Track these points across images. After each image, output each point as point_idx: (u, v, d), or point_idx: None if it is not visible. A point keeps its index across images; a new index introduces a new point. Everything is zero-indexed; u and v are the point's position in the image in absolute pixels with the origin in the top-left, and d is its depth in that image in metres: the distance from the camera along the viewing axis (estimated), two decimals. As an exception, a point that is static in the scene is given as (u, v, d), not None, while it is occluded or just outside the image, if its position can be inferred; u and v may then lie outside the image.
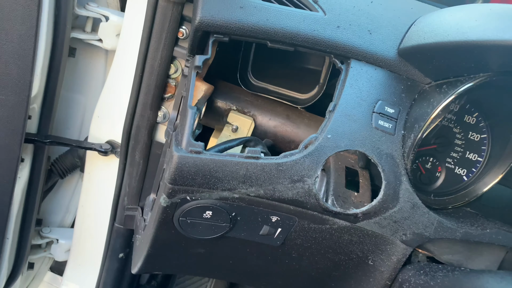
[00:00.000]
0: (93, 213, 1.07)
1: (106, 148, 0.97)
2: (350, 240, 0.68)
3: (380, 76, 0.68)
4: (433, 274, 0.63)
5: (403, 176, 0.64)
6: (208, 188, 0.61)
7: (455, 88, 0.61)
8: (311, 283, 0.81)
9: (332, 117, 0.63)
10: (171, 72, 0.83)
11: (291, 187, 0.62)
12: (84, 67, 1.03)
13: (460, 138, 0.76)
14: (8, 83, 0.79)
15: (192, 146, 0.58)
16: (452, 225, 0.65)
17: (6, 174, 0.87)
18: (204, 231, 0.66)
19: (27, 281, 1.22)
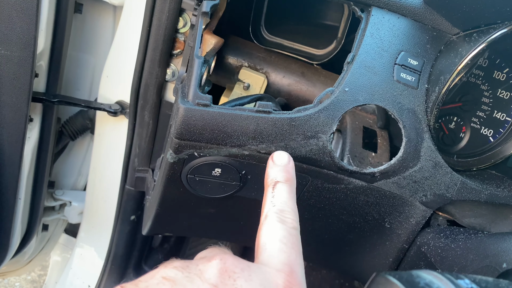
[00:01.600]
0: (104, 176, 1.06)
1: (115, 109, 0.95)
2: (366, 201, 0.65)
3: (404, 25, 0.62)
4: (454, 237, 0.59)
5: (425, 133, 0.60)
6: (216, 144, 0.57)
7: (487, 35, 0.55)
8: (324, 246, 0.79)
9: (350, 69, 0.59)
10: (179, 26, 0.78)
11: (305, 143, 0.58)
12: (91, 25, 0.99)
13: (488, 96, 0.71)
14: (12, 37, 0.76)
15: (199, 98, 0.55)
16: (476, 186, 0.61)
17: (15, 133, 0.86)
18: (213, 190, 0.64)
19: (42, 242, 1.23)
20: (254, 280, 0.37)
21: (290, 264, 0.40)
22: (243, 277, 0.37)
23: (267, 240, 0.42)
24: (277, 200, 0.47)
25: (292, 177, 0.50)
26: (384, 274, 0.30)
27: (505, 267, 0.48)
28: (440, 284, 0.30)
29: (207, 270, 0.37)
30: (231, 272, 0.37)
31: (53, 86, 0.91)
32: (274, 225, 0.44)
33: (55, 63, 0.89)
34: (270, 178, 0.50)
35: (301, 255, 0.43)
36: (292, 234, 0.44)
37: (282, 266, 0.40)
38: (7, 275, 1.27)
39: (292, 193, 0.49)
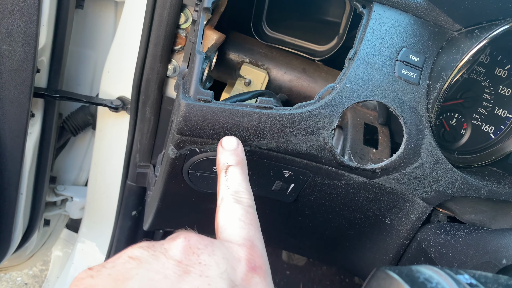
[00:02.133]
0: (106, 171, 1.06)
1: (117, 104, 0.95)
2: (367, 197, 0.65)
3: (405, 22, 0.62)
4: (454, 233, 0.60)
5: (426, 129, 0.60)
6: (217, 140, 0.58)
7: (489, 32, 0.55)
8: (324, 242, 0.79)
9: (352, 65, 0.59)
10: (181, 21, 0.78)
11: (306, 139, 0.58)
12: (93, 20, 0.99)
13: (489, 93, 0.71)
14: (14, 33, 0.76)
15: (200, 94, 0.55)
16: (477, 182, 0.61)
17: (17, 128, 0.86)
18: (214, 185, 0.63)
19: (44, 237, 1.24)
20: (217, 254, 0.38)
21: (251, 238, 0.42)
22: (206, 252, 0.38)
23: (226, 220, 0.44)
24: (230, 182, 0.48)
25: (243, 160, 0.52)
26: (384, 268, 0.30)
27: (504, 263, 0.48)
28: (439, 279, 0.30)
29: (172, 248, 0.38)
30: (195, 248, 0.38)
31: (55, 82, 0.92)
32: (231, 206, 0.45)
33: (56, 59, 0.89)
34: (221, 163, 0.51)
35: (259, 231, 0.45)
36: (249, 212, 0.45)
37: (243, 241, 0.42)
38: (9, 270, 1.28)
39: (244, 174, 0.50)
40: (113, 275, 0.35)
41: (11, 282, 1.64)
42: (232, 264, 0.38)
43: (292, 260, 1.53)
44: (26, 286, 1.64)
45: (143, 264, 0.36)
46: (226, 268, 0.37)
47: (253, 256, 0.40)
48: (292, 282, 1.52)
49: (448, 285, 0.30)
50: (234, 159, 0.51)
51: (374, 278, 0.31)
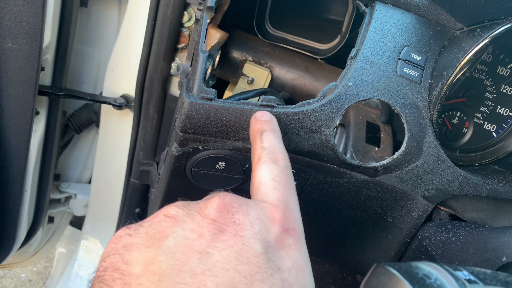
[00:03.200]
0: (109, 169, 1.07)
1: (120, 102, 0.95)
2: (369, 195, 0.65)
3: (407, 21, 0.62)
4: (455, 231, 0.60)
5: (428, 128, 0.60)
6: (220, 138, 0.58)
7: (491, 30, 0.55)
8: (326, 240, 0.79)
9: (354, 63, 0.59)
10: (184, 20, 0.79)
11: (308, 138, 0.59)
12: (97, 19, 1.00)
13: (492, 91, 0.71)
14: (19, 31, 0.77)
15: (203, 92, 0.56)
16: (478, 181, 0.61)
17: (22, 126, 0.87)
18: (217, 183, 0.64)
19: (48, 234, 1.25)
20: (252, 214, 0.39)
21: (285, 200, 0.42)
22: (241, 211, 0.38)
23: (261, 179, 0.44)
24: (266, 144, 0.48)
25: (277, 128, 0.52)
26: (384, 264, 0.31)
27: (504, 261, 0.48)
28: (438, 275, 0.31)
29: (207, 207, 0.39)
30: (229, 207, 0.39)
31: (59, 80, 0.92)
32: (267, 165, 0.45)
33: (61, 57, 0.90)
34: (256, 130, 0.51)
35: (295, 192, 0.45)
36: (284, 172, 0.45)
37: (277, 202, 0.41)
38: (13, 266, 1.29)
39: (279, 138, 0.50)
40: (150, 233, 0.36)
41: (15, 278, 1.65)
42: (266, 224, 0.38)
43: (294, 258, 1.53)
44: (30, 283, 1.65)
45: (179, 222, 0.37)
46: (260, 228, 0.38)
47: (287, 218, 0.40)
48: (294, 279, 1.52)
49: (447, 280, 0.30)
50: (268, 126, 0.51)
51: (373, 274, 0.31)
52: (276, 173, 0.44)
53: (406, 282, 0.29)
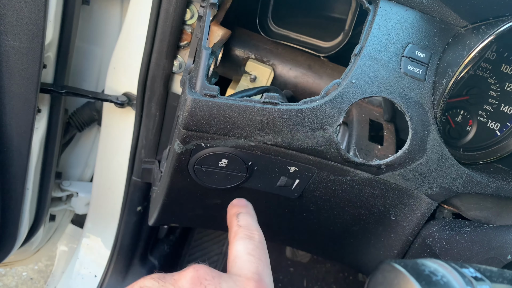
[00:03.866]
0: (111, 167, 1.07)
1: (122, 100, 0.95)
2: (372, 194, 0.65)
3: (411, 18, 0.62)
4: (459, 230, 0.60)
5: (431, 125, 0.60)
6: (223, 135, 0.58)
7: (496, 28, 0.55)
8: (329, 238, 0.79)
9: (358, 61, 0.59)
10: (186, 17, 0.79)
11: (311, 135, 0.58)
12: (99, 16, 1.00)
13: (495, 90, 0.71)
14: (21, 28, 0.77)
15: (206, 89, 0.55)
16: (482, 179, 0.61)
17: (24, 124, 0.86)
18: (220, 180, 0.64)
19: (49, 232, 1.25)
20: (224, 286, 0.40)
21: (259, 273, 0.44)
22: (213, 284, 0.40)
23: (237, 254, 0.46)
24: (242, 222, 0.51)
25: (253, 213, 0.55)
26: (390, 261, 0.31)
27: (509, 259, 0.48)
28: (445, 272, 0.30)
29: (181, 279, 0.40)
30: (202, 279, 0.40)
31: (61, 77, 0.92)
32: (243, 241, 0.47)
33: (63, 54, 0.89)
34: (232, 212, 0.54)
35: (269, 266, 0.47)
36: (259, 247, 0.47)
37: (251, 275, 0.43)
38: (14, 264, 1.29)
39: (254, 220, 0.53)
40: None
41: (16, 276, 1.65)
42: None
43: (296, 257, 1.54)
44: (31, 281, 1.65)
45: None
46: None
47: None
48: (296, 279, 1.52)
49: (453, 278, 0.30)
50: (244, 209, 0.54)
51: (379, 271, 0.31)
52: (251, 247, 0.46)
53: (412, 279, 0.28)
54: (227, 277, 0.42)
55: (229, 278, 0.42)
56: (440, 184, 0.61)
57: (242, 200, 0.57)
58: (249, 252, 0.46)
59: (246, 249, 0.46)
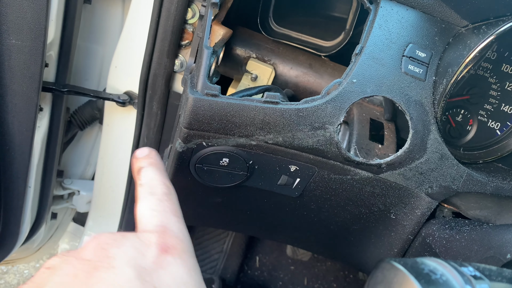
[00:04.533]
0: (113, 165, 1.07)
1: (124, 99, 0.95)
2: (372, 192, 0.65)
3: (412, 17, 0.62)
4: (459, 228, 0.60)
5: (432, 125, 0.60)
6: (224, 134, 0.58)
7: (496, 27, 0.55)
8: (329, 236, 0.79)
9: (359, 60, 0.59)
10: (188, 17, 0.79)
11: (312, 134, 0.59)
12: (100, 15, 1.00)
13: (496, 89, 0.71)
14: (23, 27, 0.77)
15: (208, 88, 0.56)
16: (482, 178, 0.61)
17: (26, 122, 0.87)
18: (221, 179, 0.65)
19: (51, 230, 1.25)
20: (126, 245, 0.40)
21: (163, 224, 0.44)
22: (115, 245, 0.40)
23: (140, 213, 0.46)
24: (143, 180, 0.50)
25: (156, 162, 0.53)
26: (390, 260, 0.31)
27: (509, 258, 0.48)
28: (444, 271, 0.31)
29: (83, 249, 0.40)
30: (104, 244, 0.40)
31: (63, 76, 0.92)
32: (144, 199, 0.47)
33: (64, 53, 0.90)
34: (135, 170, 0.53)
35: (177, 214, 0.47)
36: (162, 199, 0.47)
37: (154, 228, 0.43)
38: (16, 262, 1.29)
39: (158, 170, 0.51)
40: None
41: (18, 274, 1.66)
42: (141, 250, 0.40)
43: (297, 256, 1.54)
44: (33, 279, 1.66)
45: (56, 270, 0.38)
46: (133, 255, 0.39)
47: (164, 239, 0.42)
48: (296, 277, 1.53)
49: (453, 276, 0.30)
50: (146, 161, 0.52)
51: (379, 269, 0.31)
52: (153, 203, 0.46)
53: (412, 278, 0.29)
54: (131, 235, 0.42)
55: (132, 235, 0.42)
56: (440, 183, 0.61)
57: (144, 150, 0.55)
58: (152, 208, 0.45)
59: (148, 206, 0.46)
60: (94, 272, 0.37)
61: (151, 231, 0.43)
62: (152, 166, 0.52)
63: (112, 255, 0.39)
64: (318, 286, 1.53)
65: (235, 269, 1.41)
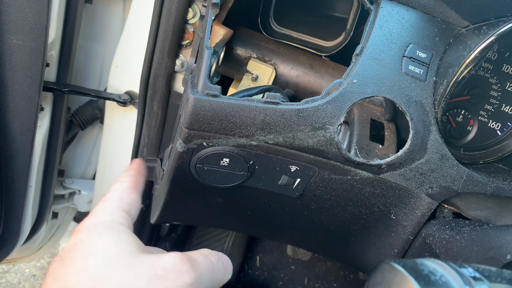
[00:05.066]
0: (113, 164, 1.07)
1: (124, 99, 0.96)
2: (372, 193, 0.65)
3: (413, 18, 0.62)
4: (459, 229, 0.60)
5: (432, 125, 0.60)
6: (225, 134, 0.58)
7: (497, 28, 0.55)
8: (329, 237, 0.79)
9: (359, 60, 0.59)
10: (189, 17, 0.79)
11: (312, 135, 0.59)
12: (101, 15, 1.00)
13: (496, 90, 0.71)
14: (24, 27, 0.77)
15: (208, 89, 0.56)
16: (482, 179, 0.61)
17: (27, 122, 0.87)
18: (221, 179, 0.65)
19: (52, 229, 1.26)
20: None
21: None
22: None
23: None
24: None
25: (128, 176, 0.64)
26: (389, 261, 0.31)
27: (509, 259, 0.48)
28: (443, 272, 0.31)
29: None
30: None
31: (64, 76, 0.93)
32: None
33: (65, 53, 0.90)
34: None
35: (105, 200, 0.58)
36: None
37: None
38: (17, 261, 1.30)
39: (122, 176, 0.64)
40: None
41: (19, 273, 1.66)
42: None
43: (297, 255, 1.54)
44: (34, 278, 1.66)
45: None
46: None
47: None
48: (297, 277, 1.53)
49: (452, 277, 0.30)
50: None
51: (379, 270, 0.31)
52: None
53: (411, 279, 0.29)
54: None
55: None
56: (441, 183, 0.61)
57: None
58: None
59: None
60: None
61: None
62: (115, 185, 0.63)
63: None
64: (319, 285, 1.53)
65: (235, 269, 1.42)
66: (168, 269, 0.45)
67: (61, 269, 0.44)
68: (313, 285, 1.52)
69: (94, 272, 0.43)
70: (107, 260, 0.44)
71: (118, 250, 0.46)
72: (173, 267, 0.45)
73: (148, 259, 0.45)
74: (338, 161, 0.62)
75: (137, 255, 0.46)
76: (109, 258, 0.44)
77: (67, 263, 0.44)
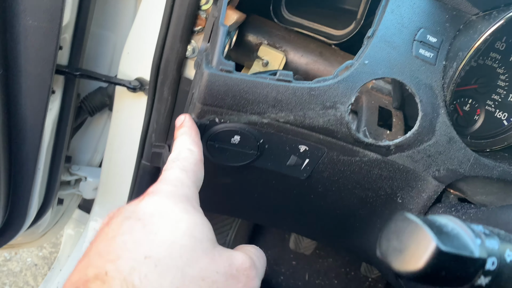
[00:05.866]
0: (121, 151, 1.08)
1: (135, 85, 0.97)
2: (380, 175, 0.66)
3: (424, 3, 0.64)
4: (465, 211, 0.61)
5: (441, 108, 0.61)
6: (237, 111, 0.59)
7: (507, 12, 0.56)
8: (335, 222, 0.80)
9: (371, 43, 0.60)
10: (202, 3, 0.80)
11: (323, 113, 0.60)
12: (114, 2, 1.02)
13: (504, 80, 0.72)
14: (40, 7, 0.78)
15: (223, 64, 0.57)
16: (489, 162, 0.62)
17: (38, 104, 0.88)
18: (231, 158, 0.66)
19: (57, 216, 1.26)
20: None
21: (163, 177, 0.50)
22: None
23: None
24: (173, 152, 0.53)
25: (189, 129, 0.56)
26: (403, 213, 0.32)
27: (515, 234, 0.49)
28: (455, 226, 0.32)
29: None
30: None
31: (76, 60, 0.94)
32: (171, 168, 0.51)
33: (78, 37, 0.91)
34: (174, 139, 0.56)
35: (185, 169, 0.50)
36: (182, 164, 0.51)
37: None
38: (21, 246, 1.30)
39: (187, 138, 0.54)
40: None
41: (21, 262, 1.67)
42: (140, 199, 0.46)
43: (299, 249, 1.55)
44: (35, 267, 1.67)
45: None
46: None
47: (153, 187, 0.48)
48: (298, 272, 1.53)
49: (464, 230, 0.31)
50: (180, 131, 0.57)
51: (392, 221, 0.32)
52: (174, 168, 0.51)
53: (425, 227, 0.30)
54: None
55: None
56: (448, 166, 0.62)
57: (180, 118, 0.59)
58: (168, 168, 0.51)
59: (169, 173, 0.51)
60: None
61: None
62: (183, 136, 0.55)
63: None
64: (319, 282, 1.53)
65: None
66: (240, 271, 0.42)
67: (143, 235, 0.39)
68: (314, 281, 1.52)
69: (181, 252, 0.38)
70: (193, 243, 0.39)
71: (203, 235, 0.41)
72: (244, 270, 0.42)
73: (224, 253, 0.42)
74: (347, 142, 0.63)
75: (216, 246, 0.42)
76: (195, 242, 0.40)
77: (151, 229, 0.39)
